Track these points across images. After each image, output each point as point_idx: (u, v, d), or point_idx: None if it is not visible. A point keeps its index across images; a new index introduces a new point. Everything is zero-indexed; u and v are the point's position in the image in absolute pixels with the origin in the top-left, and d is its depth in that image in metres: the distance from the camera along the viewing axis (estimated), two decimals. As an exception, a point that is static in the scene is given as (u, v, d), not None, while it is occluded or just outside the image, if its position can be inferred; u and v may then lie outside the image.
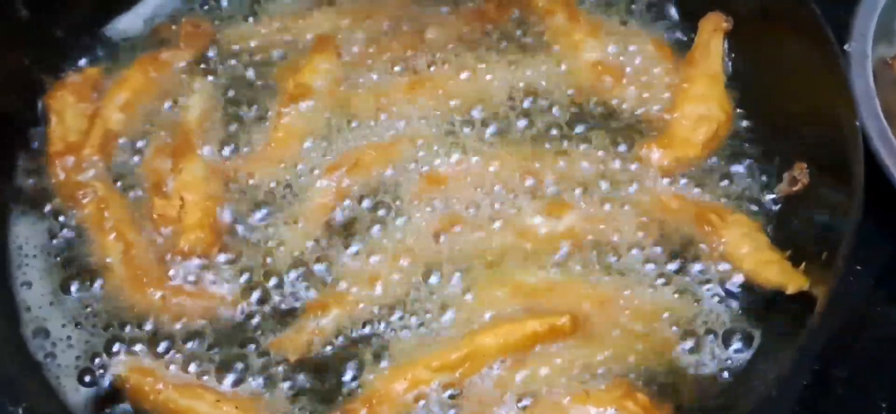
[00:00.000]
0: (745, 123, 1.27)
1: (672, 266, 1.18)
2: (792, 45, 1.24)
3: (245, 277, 1.19)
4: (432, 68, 1.32)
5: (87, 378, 1.13)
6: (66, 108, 1.28)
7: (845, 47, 1.30)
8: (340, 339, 1.14)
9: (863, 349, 1.28)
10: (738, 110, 1.28)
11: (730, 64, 1.31)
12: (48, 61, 1.32)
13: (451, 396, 1.10)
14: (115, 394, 1.13)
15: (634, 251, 1.19)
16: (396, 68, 1.33)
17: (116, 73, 1.32)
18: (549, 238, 1.19)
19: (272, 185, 1.24)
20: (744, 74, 1.30)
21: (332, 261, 1.19)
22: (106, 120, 1.27)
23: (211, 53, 1.35)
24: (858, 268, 1.28)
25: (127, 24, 1.39)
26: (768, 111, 1.26)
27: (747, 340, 1.14)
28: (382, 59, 1.33)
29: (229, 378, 1.13)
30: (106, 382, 1.13)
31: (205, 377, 1.13)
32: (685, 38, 1.34)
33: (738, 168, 1.25)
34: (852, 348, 1.28)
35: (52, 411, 1.11)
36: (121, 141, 1.27)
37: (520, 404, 1.09)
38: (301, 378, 1.13)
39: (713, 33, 1.30)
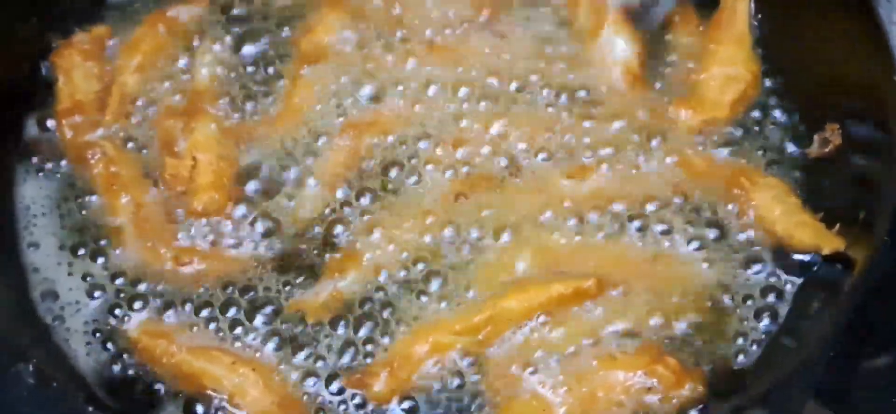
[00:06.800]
0: (773, 85, 1.25)
1: (701, 229, 1.15)
2: (821, 3, 1.21)
3: (259, 238, 1.15)
4: (452, 32, 1.29)
5: (98, 341, 1.10)
6: (74, 68, 1.25)
7: (872, 10, 1.27)
8: (359, 301, 1.11)
9: (893, 323, 1.26)
10: (766, 71, 1.25)
11: (756, 24, 1.27)
12: (56, 22, 1.28)
13: (474, 360, 1.07)
14: (126, 357, 1.09)
15: (662, 213, 1.16)
16: (414, 29, 1.29)
17: (125, 32, 1.29)
18: (575, 200, 1.16)
19: (287, 145, 1.21)
20: (771, 35, 1.27)
21: (349, 223, 1.16)
22: (122, 84, 1.24)
23: (223, 11, 1.32)
24: (886, 239, 1.25)
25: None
26: (797, 72, 1.23)
27: (779, 303, 1.11)
28: (400, 20, 1.30)
29: (245, 340, 1.09)
30: (117, 344, 1.09)
31: (219, 339, 1.09)
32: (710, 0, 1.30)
33: (768, 130, 1.22)
34: (882, 322, 1.25)
35: (62, 375, 1.07)
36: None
37: (544, 369, 1.06)
38: (319, 341, 1.09)
39: (739, -6, 1.28)
